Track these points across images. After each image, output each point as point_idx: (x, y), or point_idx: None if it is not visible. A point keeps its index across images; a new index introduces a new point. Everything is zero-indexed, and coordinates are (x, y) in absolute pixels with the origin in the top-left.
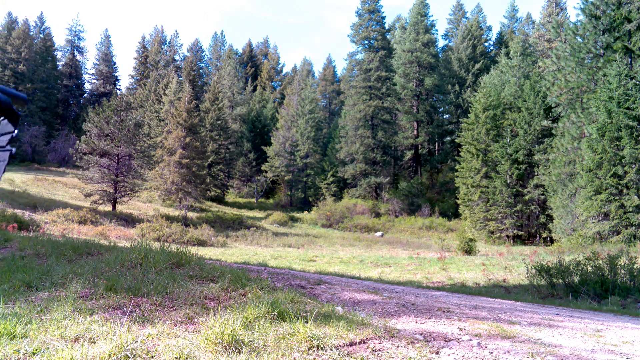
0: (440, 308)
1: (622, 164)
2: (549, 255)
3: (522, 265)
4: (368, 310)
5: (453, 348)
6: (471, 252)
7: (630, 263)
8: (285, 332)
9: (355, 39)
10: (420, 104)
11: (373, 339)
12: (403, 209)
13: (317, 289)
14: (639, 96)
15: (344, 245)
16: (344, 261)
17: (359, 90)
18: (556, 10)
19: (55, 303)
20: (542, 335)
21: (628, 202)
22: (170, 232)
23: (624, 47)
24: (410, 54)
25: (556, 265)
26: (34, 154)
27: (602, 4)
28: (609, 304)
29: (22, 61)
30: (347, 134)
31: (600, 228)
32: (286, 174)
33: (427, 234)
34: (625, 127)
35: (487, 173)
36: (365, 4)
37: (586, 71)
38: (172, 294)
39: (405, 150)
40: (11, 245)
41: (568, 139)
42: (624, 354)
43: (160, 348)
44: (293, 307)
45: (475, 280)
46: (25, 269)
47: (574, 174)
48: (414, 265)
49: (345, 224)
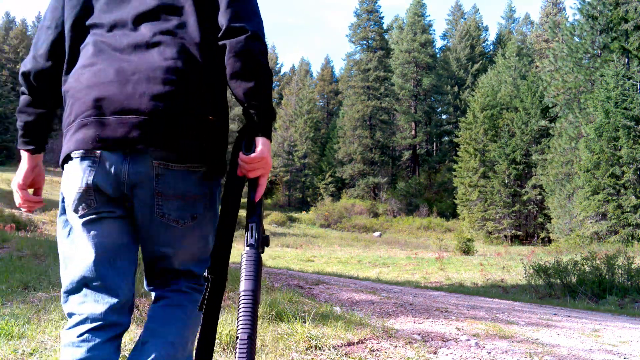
0: (438, 308)
1: (619, 164)
2: (546, 255)
3: (520, 266)
4: (366, 310)
5: (451, 348)
6: (469, 252)
7: (627, 263)
8: (283, 332)
9: (353, 39)
10: (418, 104)
11: (371, 339)
12: (401, 209)
13: (315, 289)
14: (636, 96)
15: (342, 245)
16: (342, 261)
17: (357, 90)
18: (554, 10)
19: (53, 303)
20: (540, 335)
21: (626, 202)
22: None
23: (621, 48)
24: (408, 54)
25: (554, 265)
26: None
27: (599, 4)
28: (607, 304)
29: (19, 61)
30: (345, 134)
31: (598, 228)
32: (284, 174)
33: (425, 234)
34: (623, 127)
35: (485, 173)
36: (364, 4)
37: (583, 71)
38: None
39: (403, 151)
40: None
41: (565, 139)
42: (622, 353)
43: None
44: (291, 307)
45: (473, 280)
46: (23, 269)
47: (571, 174)
48: (412, 265)
49: (343, 224)
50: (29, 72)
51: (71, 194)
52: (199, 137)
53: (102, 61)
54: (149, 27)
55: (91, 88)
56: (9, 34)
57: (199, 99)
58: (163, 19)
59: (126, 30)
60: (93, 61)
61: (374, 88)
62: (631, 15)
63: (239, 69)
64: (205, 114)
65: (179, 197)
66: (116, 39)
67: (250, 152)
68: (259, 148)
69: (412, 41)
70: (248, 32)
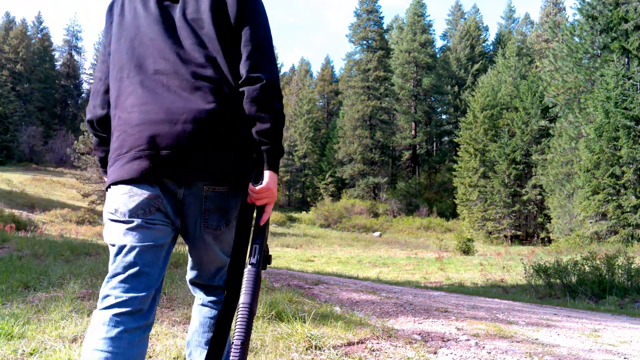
0: (438, 308)
1: (619, 164)
2: (546, 255)
3: (520, 266)
4: (366, 310)
5: (451, 348)
6: (469, 252)
7: (627, 263)
8: (283, 332)
9: (353, 39)
10: (418, 104)
11: (371, 339)
12: (401, 209)
13: (315, 289)
14: (636, 96)
15: (342, 245)
16: (342, 261)
17: (357, 90)
18: (554, 10)
19: (53, 303)
20: (540, 335)
21: (626, 202)
22: None
23: (621, 48)
24: (408, 54)
25: (554, 265)
26: (32, 154)
27: (599, 4)
28: (607, 304)
29: (19, 61)
30: (345, 134)
31: (598, 228)
32: (284, 174)
33: (425, 234)
34: (623, 127)
35: (485, 173)
36: (364, 4)
37: (583, 71)
38: (169, 294)
39: (403, 151)
40: (9, 245)
41: (565, 139)
42: (622, 353)
43: (159, 348)
44: (291, 307)
45: (473, 280)
46: (23, 269)
47: (571, 174)
48: (412, 266)
49: (343, 224)
50: (92, 120)
51: (128, 206)
52: (233, 165)
53: (153, 102)
54: (191, 74)
55: (144, 125)
56: (9, 34)
57: (232, 136)
58: (202, 67)
59: (172, 75)
60: (143, 101)
61: (374, 88)
62: (631, 15)
63: (254, 113)
64: (237, 147)
65: (219, 210)
66: (163, 82)
67: (259, 183)
68: (266, 181)
69: (412, 41)
70: (263, 81)
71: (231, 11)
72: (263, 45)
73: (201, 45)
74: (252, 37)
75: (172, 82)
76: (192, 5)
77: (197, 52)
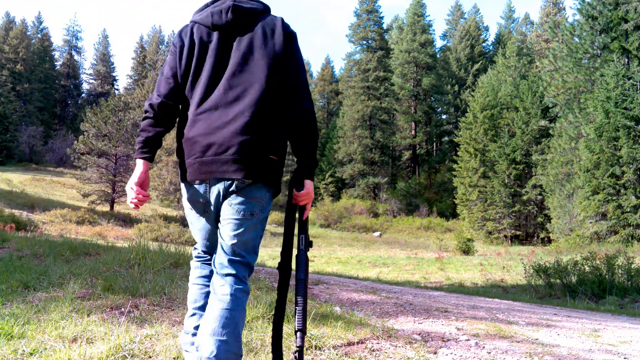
0: (438, 308)
1: (619, 164)
2: (546, 255)
3: (520, 266)
4: (366, 310)
5: (451, 348)
6: (469, 252)
7: (627, 263)
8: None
9: (353, 39)
10: (418, 104)
11: (371, 339)
12: (401, 209)
13: (315, 289)
14: (636, 96)
15: (342, 245)
16: (342, 261)
17: (357, 90)
18: (554, 10)
19: (53, 303)
20: (540, 335)
21: (626, 202)
22: (168, 233)
23: (621, 48)
24: (408, 54)
25: (554, 265)
26: (32, 154)
27: (598, 5)
28: (607, 304)
29: (19, 61)
30: (345, 134)
31: (598, 228)
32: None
33: (425, 234)
34: (623, 127)
35: (485, 173)
36: (364, 4)
37: (583, 71)
38: (170, 294)
39: (403, 151)
40: (9, 245)
41: (565, 139)
42: (622, 353)
43: (158, 348)
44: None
45: (473, 280)
46: (23, 269)
47: (571, 174)
48: (412, 266)
49: (343, 224)
50: (155, 103)
51: (192, 201)
52: (265, 167)
53: (204, 119)
54: (234, 96)
55: (201, 137)
56: (9, 34)
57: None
58: (246, 91)
59: (221, 109)
60: (199, 118)
61: (374, 88)
62: (631, 15)
63: (298, 136)
64: (269, 155)
65: (248, 199)
66: (213, 100)
67: (301, 189)
68: (307, 186)
69: (412, 41)
70: (307, 112)
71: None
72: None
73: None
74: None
75: (220, 105)
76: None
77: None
